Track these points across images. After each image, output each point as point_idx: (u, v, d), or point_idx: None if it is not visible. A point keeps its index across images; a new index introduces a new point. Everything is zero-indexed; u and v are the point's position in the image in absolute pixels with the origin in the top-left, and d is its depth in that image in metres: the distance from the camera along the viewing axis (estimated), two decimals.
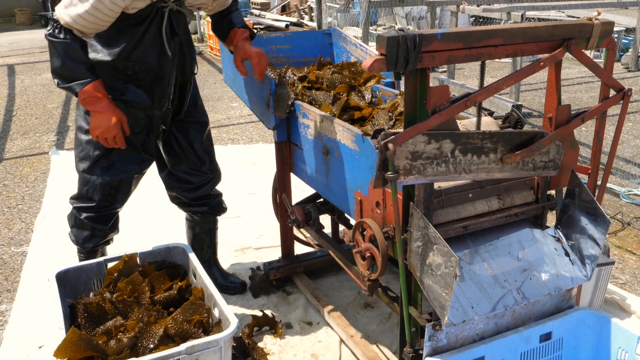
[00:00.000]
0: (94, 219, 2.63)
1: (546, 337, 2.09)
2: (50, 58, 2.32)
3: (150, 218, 3.92)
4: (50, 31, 2.27)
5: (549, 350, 2.11)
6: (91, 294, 2.37)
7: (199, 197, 2.87)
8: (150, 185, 3.58)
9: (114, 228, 2.74)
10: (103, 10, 2.18)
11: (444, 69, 7.78)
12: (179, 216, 3.12)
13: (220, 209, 2.99)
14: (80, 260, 2.71)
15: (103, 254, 2.75)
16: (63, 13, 2.22)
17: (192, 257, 2.52)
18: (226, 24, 2.71)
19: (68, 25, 2.23)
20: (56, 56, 2.28)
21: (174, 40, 2.48)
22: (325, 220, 3.13)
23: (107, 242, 2.78)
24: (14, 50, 10.92)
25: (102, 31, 2.29)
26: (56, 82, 2.31)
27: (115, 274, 2.46)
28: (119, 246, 2.81)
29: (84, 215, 2.62)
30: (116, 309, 2.31)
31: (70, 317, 2.31)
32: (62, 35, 2.25)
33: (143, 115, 2.53)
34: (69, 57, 2.26)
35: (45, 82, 8.27)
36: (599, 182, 2.18)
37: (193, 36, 12.36)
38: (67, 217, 2.71)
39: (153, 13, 2.36)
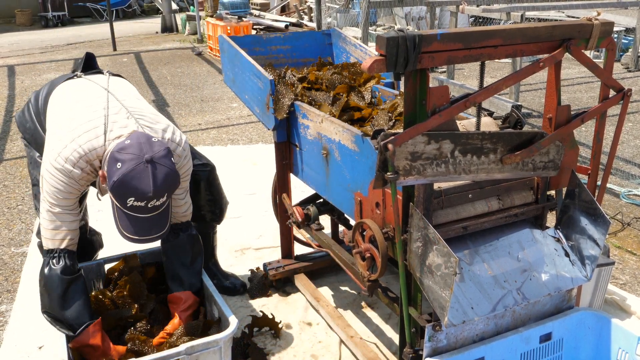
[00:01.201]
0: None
1: (546, 337, 2.09)
2: (41, 298, 2.23)
3: None
4: (48, 271, 2.17)
5: (549, 350, 2.11)
6: (92, 294, 2.37)
7: (200, 197, 2.86)
8: None
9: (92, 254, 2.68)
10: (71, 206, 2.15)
11: (444, 69, 7.77)
12: None
13: (218, 219, 2.96)
14: None
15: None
16: (46, 242, 2.17)
17: None
18: (176, 277, 2.47)
19: (55, 246, 2.16)
20: (44, 294, 2.20)
21: None
22: (325, 220, 3.13)
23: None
24: (14, 51, 10.92)
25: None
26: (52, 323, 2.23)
27: (116, 274, 2.46)
28: (118, 247, 2.80)
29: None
30: (115, 306, 2.32)
31: None
32: (55, 264, 2.16)
33: None
34: (66, 297, 2.17)
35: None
36: (598, 183, 2.18)
37: (192, 37, 12.37)
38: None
39: None
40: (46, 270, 2.18)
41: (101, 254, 2.89)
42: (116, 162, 1.96)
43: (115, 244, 2.86)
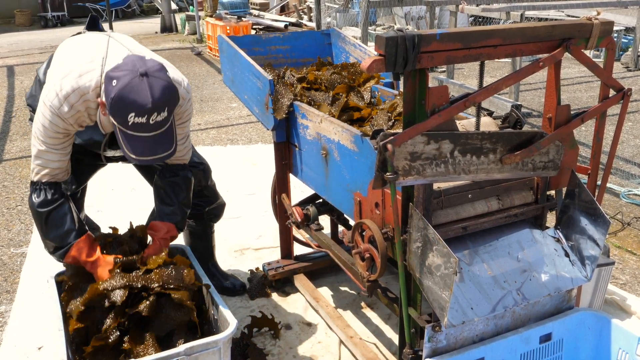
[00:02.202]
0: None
1: (546, 338, 2.09)
2: (39, 229, 2.28)
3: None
4: (30, 202, 2.22)
5: (549, 351, 2.10)
6: None
7: (196, 193, 2.86)
8: (147, 186, 3.57)
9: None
10: (58, 144, 2.15)
11: (443, 69, 7.77)
12: None
13: (215, 218, 2.97)
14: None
15: None
16: (31, 174, 2.21)
17: (192, 257, 2.51)
18: (159, 207, 2.46)
19: (37, 179, 2.19)
20: (38, 224, 2.26)
21: (111, 148, 2.42)
22: (325, 220, 3.13)
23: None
24: (13, 52, 10.91)
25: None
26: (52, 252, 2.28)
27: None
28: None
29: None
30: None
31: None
32: (36, 198, 2.20)
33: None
34: (48, 225, 2.22)
35: None
36: (598, 182, 2.18)
37: (192, 37, 12.36)
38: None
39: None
40: (30, 202, 2.24)
41: None
42: (111, 80, 1.95)
43: None
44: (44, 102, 2.09)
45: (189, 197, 2.50)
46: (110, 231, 2.40)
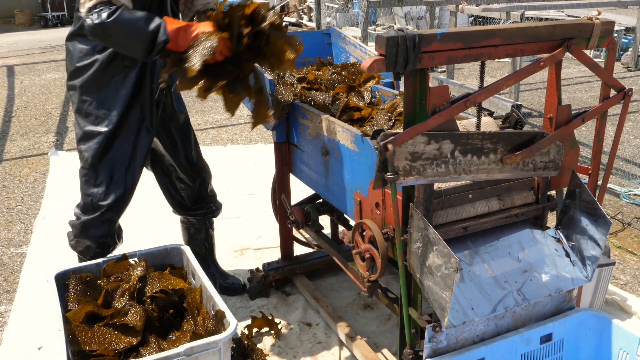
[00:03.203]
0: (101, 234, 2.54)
1: (547, 338, 2.09)
2: (119, 43, 2.14)
3: (147, 220, 3.91)
4: (93, 22, 2.05)
5: (550, 351, 2.10)
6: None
7: (199, 197, 2.87)
8: (147, 187, 3.57)
9: (119, 238, 2.68)
10: None
11: (444, 69, 7.77)
12: (177, 217, 3.11)
13: (216, 212, 2.99)
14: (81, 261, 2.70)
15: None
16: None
17: (191, 257, 2.51)
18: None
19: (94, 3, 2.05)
20: (120, 36, 2.09)
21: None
22: (325, 221, 3.12)
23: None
24: (13, 51, 10.91)
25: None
26: (143, 55, 2.11)
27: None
28: (117, 248, 2.79)
29: (91, 230, 2.52)
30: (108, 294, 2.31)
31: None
32: (104, 16, 2.03)
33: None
34: (129, 28, 2.06)
35: (45, 82, 8.27)
36: (599, 183, 2.18)
37: None
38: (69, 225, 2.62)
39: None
40: (97, 24, 2.05)
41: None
42: None
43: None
44: None
45: None
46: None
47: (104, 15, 2.04)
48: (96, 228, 2.52)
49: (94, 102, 2.39)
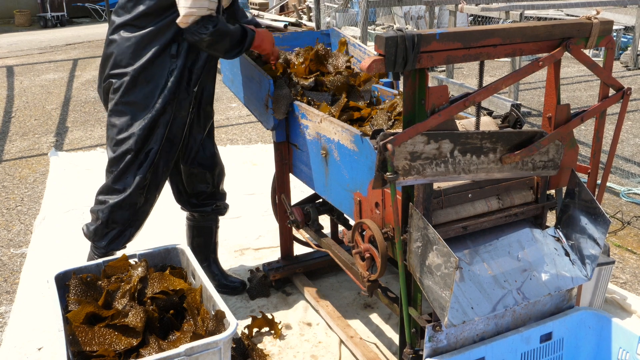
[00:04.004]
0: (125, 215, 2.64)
1: (547, 337, 2.09)
2: (222, 47, 2.45)
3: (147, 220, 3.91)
4: (199, 34, 2.35)
5: (550, 350, 2.10)
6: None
7: (210, 193, 2.91)
8: None
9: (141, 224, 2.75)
10: None
11: (443, 69, 7.77)
12: (176, 217, 3.11)
13: (224, 210, 3.01)
14: (90, 259, 2.70)
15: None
16: (195, 8, 2.30)
17: (191, 257, 2.51)
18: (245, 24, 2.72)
19: (210, 12, 2.34)
20: (224, 42, 2.42)
21: None
22: (325, 220, 3.12)
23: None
24: (12, 52, 10.90)
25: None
26: (235, 52, 2.53)
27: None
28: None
29: (115, 212, 2.61)
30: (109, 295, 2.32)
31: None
32: (211, 28, 2.35)
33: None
34: (229, 38, 2.43)
35: (44, 83, 8.27)
36: (598, 182, 2.18)
37: None
38: (90, 212, 2.68)
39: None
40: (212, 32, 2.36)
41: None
42: None
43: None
44: None
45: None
46: None
47: (211, 27, 2.35)
48: (123, 210, 2.61)
49: (143, 90, 2.50)
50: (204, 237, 3.02)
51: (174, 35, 2.45)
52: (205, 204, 2.93)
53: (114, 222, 2.62)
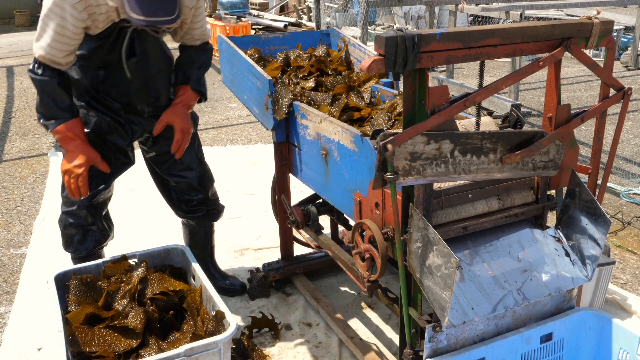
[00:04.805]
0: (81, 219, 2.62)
1: (547, 337, 2.09)
2: (39, 96, 2.34)
3: (147, 220, 3.91)
4: (31, 67, 2.28)
5: (550, 351, 2.10)
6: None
7: (199, 200, 2.87)
8: (147, 188, 3.57)
9: (106, 230, 2.72)
10: (67, 34, 2.19)
11: (443, 69, 7.77)
12: (176, 217, 3.11)
13: (217, 215, 2.98)
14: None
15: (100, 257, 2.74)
16: (36, 47, 2.24)
17: (191, 258, 2.51)
18: (182, 74, 2.65)
19: (42, 58, 2.24)
20: (37, 93, 2.32)
21: (130, 62, 2.45)
22: (325, 221, 3.12)
23: (101, 246, 2.75)
24: (12, 52, 10.90)
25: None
26: (37, 117, 2.36)
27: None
28: (116, 248, 2.80)
29: (70, 219, 2.62)
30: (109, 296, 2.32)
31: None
32: (40, 72, 2.26)
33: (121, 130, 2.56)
34: (46, 94, 2.29)
35: None
36: (599, 182, 2.17)
37: None
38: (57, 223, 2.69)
39: (115, 33, 2.35)
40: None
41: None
42: None
43: (113, 246, 2.86)
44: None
45: (206, 64, 2.70)
46: None
47: (38, 72, 2.26)
48: (74, 215, 2.61)
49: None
50: (199, 242, 3.01)
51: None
52: (195, 210, 2.88)
53: (71, 226, 2.63)
